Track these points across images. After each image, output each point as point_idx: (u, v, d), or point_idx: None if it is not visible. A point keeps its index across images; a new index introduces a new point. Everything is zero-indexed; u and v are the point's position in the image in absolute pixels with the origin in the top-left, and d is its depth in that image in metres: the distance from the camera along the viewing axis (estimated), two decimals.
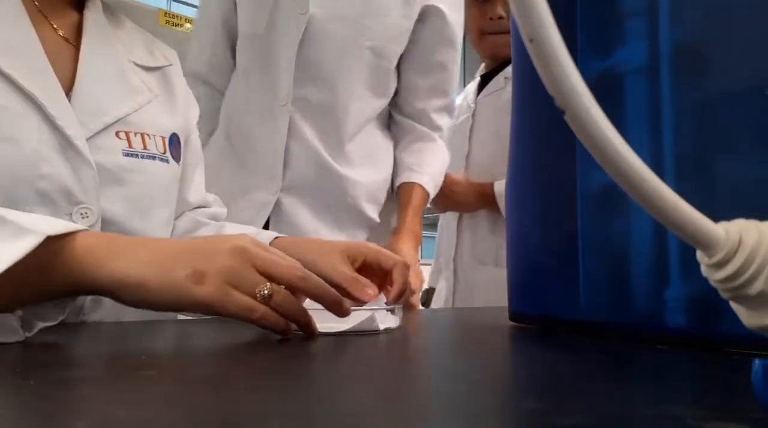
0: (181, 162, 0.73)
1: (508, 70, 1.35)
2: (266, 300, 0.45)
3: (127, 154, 0.65)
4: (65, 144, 0.59)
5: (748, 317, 0.20)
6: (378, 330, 0.48)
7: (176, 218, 0.75)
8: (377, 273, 0.68)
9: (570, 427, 0.19)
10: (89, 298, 0.61)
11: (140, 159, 0.66)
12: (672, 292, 0.41)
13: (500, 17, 1.32)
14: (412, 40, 1.11)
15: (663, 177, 0.18)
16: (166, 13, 1.97)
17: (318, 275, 0.53)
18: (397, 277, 0.66)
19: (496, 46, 1.36)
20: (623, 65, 0.45)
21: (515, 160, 0.59)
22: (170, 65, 0.76)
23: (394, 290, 0.65)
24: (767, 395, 0.18)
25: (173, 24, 1.97)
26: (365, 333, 0.47)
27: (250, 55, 1.08)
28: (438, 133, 1.17)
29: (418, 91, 1.14)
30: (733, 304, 0.20)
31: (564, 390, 0.27)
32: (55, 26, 0.65)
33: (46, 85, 0.60)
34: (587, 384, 0.29)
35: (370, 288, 0.61)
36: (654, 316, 0.42)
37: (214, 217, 0.80)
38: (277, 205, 1.05)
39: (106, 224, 0.61)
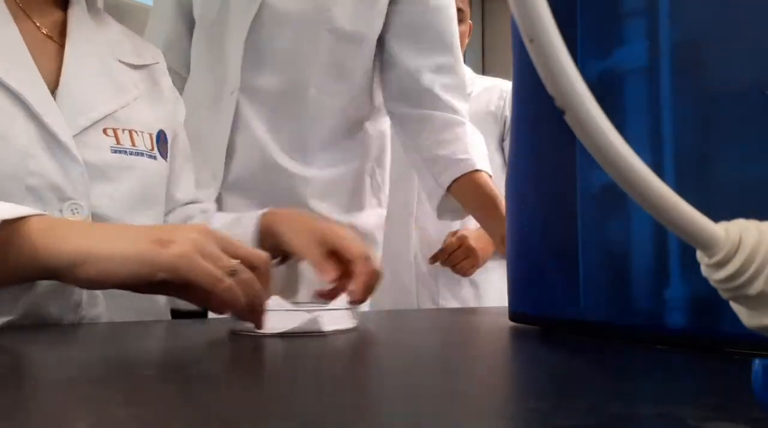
0: (168, 159, 0.74)
1: None
2: (231, 275, 0.45)
3: (115, 151, 0.65)
4: (52, 141, 0.60)
5: (748, 317, 0.20)
6: (323, 332, 0.46)
7: (166, 215, 0.75)
8: (342, 262, 0.66)
9: (570, 427, 0.19)
10: (85, 294, 0.61)
11: (129, 155, 0.66)
12: (672, 292, 0.41)
13: None
14: (393, 12, 0.99)
15: (663, 177, 0.18)
16: None
17: (289, 251, 0.57)
18: (361, 270, 0.62)
19: None
20: (623, 65, 0.45)
21: (515, 160, 0.59)
22: (156, 64, 0.76)
23: (358, 283, 0.61)
24: (767, 395, 0.18)
25: None
26: (310, 335, 0.46)
27: (202, 40, 1.01)
28: (460, 117, 1.01)
29: (411, 63, 1.00)
30: (733, 304, 0.20)
31: (564, 390, 0.27)
32: (38, 24, 0.65)
33: (30, 83, 0.60)
34: (587, 384, 0.29)
35: (333, 272, 0.61)
36: (654, 316, 0.42)
37: (205, 213, 0.81)
38: (220, 204, 0.96)
39: (97, 220, 0.62)
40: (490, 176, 0.97)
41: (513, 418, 0.21)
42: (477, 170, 0.95)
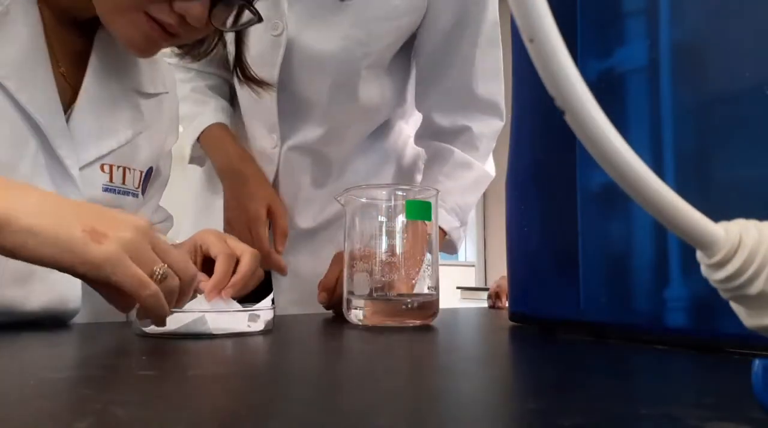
0: (145, 195, 0.74)
1: None
2: (161, 280, 0.43)
3: (106, 189, 0.65)
4: (57, 173, 0.59)
5: (748, 317, 0.20)
6: (211, 333, 0.46)
7: None
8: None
9: (570, 427, 0.19)
10: (73, 291, 0.61)
11: (117, 194, 0.66)
12: (672, 292, 0.41)
13: None
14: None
15: (663, 177, 0.18)
16: None
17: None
18: (217, 267, 0.62)
19: None
20: (623, 65, 0.45)
21: (515, 160, 0.59)
22: (166, 93, 0.76)
23: (211, 280, 0.60)
24: (767, 395, 0.18)
25: None
26: (201, 337, 0.45)
27: (239, 87, 0.94)
28: (455, 144, 0.95)
29: (424, 93, 0.95)
30: (733, 304, 0.20)
31: (564, 390, 0.27)
32: (57, 55, 0.64)
33: (50, 112, 0.59)
34: (587, 384, 0.29)
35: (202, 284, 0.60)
36: (654, 316, 0.42)
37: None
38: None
39: None
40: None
41: (513, 418, 0.21)
42: None
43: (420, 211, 0.62)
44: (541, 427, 0.19)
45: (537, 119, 0.55)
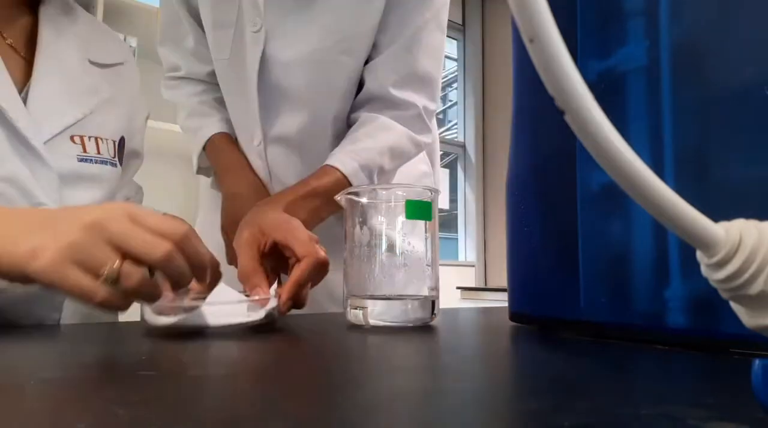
0: (123, 164, 0.74)
1: None
2: (112, 282, 0.42)
3: (81, 160, 0.65)
4: (22, 146, 0.60)
5: (748, 317, 0.20)
6: (207, 326, 0.45)
7: None
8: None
9: (570, 427, 0.19)
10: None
11: (93, 164, 0.66)
12: (672, 292, 0.41)
13: None
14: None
15: (663, 177, 0.18)
16: None
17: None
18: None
19: None
20: (623, 65, 0.45)
21: (515, 160, 0.59)
22: (121, 64, 0.76)
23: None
24: (767, 395, 0.18)
25: None
26: (206, 329, 0.46)
27: (223, 84, 0.95)
28: (385, 113, 0.93)
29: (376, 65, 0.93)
30: (733, 304, 0.20)
31: (564, 390, 0.27)
32: (3, 34, 0.65)
33: (2, 89, 0.59)
34: (587, 384, 0.29)
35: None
36: (654, 316, 0.42)
37: None
38: None
39: None
40: (342, 176, 0.88)
41: (513, 418, 0.21)
42: (327, 165, 0.88)
43: (420, 210, 0.62)
44: (541, 427, 0.19)
45: (537, 119, 0.55)
